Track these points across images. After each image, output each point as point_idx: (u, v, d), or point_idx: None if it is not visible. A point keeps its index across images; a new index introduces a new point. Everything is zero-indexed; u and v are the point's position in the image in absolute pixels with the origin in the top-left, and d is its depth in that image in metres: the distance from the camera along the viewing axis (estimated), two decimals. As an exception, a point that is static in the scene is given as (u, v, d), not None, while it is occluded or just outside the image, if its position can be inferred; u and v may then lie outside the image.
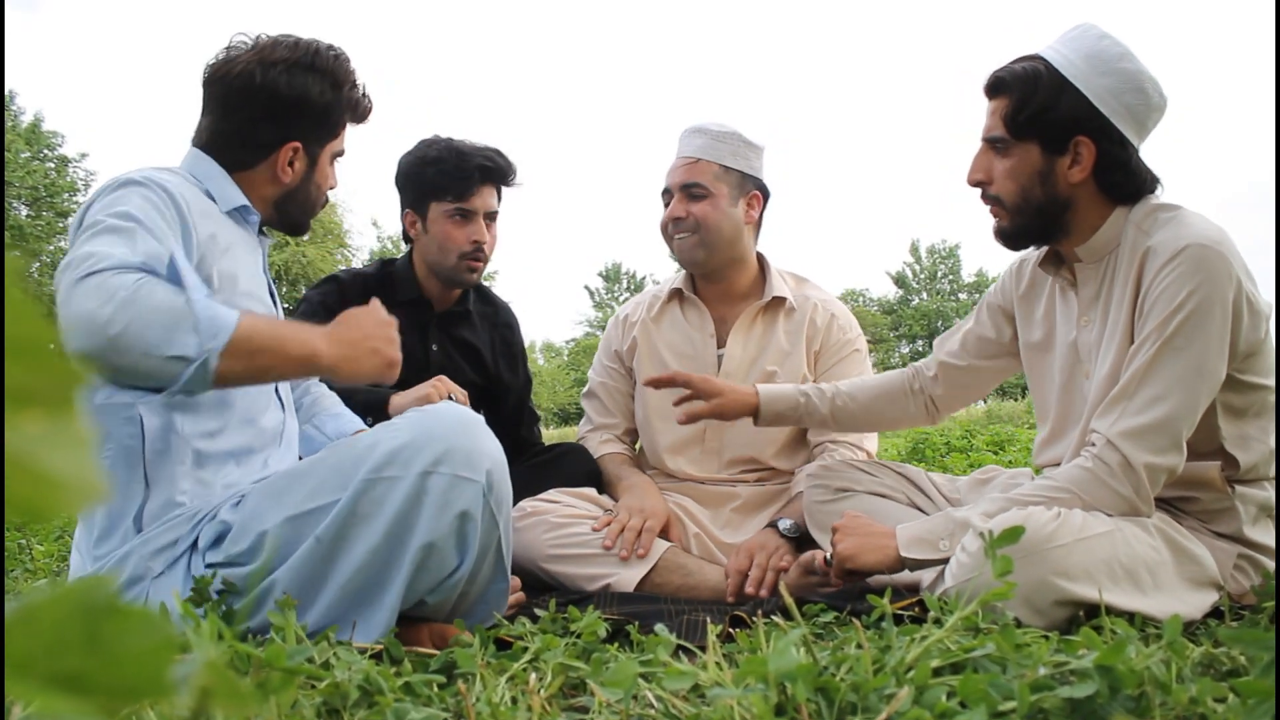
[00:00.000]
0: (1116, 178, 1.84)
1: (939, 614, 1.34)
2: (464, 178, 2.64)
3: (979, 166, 1.92)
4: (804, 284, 2.81)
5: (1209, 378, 1.69)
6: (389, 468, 1.53)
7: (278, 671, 0.81)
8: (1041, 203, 1.86)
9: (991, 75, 1.90)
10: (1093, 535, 1.62)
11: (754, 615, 1.67)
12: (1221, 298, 1.68)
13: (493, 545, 1.65)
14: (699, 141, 2.63)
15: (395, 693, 1.14)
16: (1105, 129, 1.80)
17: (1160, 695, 0.98)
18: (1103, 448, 1.72)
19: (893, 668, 1.02)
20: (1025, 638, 1.24)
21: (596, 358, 2.99)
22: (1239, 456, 1.79)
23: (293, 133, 1.89)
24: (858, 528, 1.90)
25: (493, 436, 1.63)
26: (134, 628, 0.27)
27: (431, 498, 1.53)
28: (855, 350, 2.72)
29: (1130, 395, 1.72)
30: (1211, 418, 1.77)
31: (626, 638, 1.66)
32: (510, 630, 1.60)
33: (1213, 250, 1.69)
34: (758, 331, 2.71)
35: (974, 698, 0.94)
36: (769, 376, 2.65)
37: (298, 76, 1.86)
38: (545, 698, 1.19)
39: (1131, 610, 1.57)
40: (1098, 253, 1.88)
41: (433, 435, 1.55)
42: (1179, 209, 1.82)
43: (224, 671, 0.31)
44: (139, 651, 0.27)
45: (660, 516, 2.45)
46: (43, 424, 0.22)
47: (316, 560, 1.55)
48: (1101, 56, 1.79)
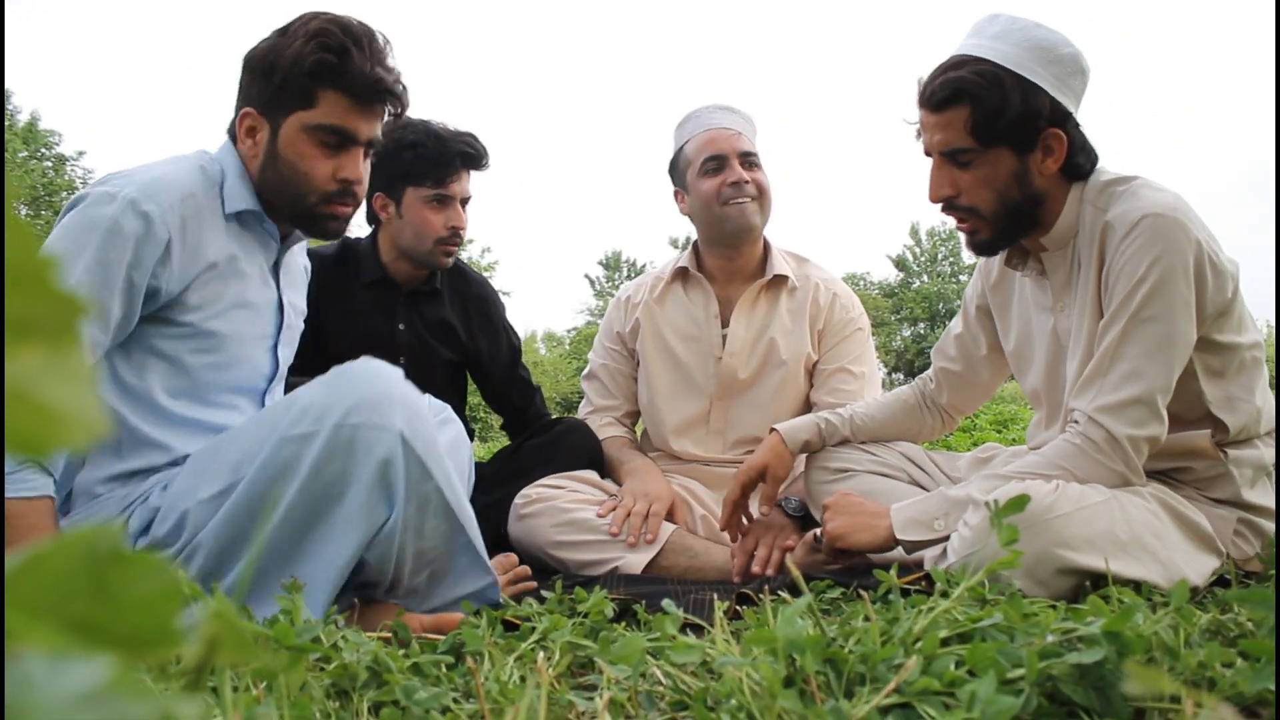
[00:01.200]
0: (1079, 158, 1.85)
1: (946, 586, 1.34)
2: (445, 163, 2.61)
3: (942, 181, 1.87)
4: (805, 264, 2.83)
5: (1180, 344, 1.70)
6: (301, 424, 1.52)
7: (285, 650, 0.81)
8: (1019, 202, 1.85)
9: (937, 87, 1.83)
10: (1091, 504, 1.63)
11: (760, 593, 1.68)
12: (1183, 264, 1.69)
13: (432, 502, 1.60)
14: (734, 118, 2.69)
15: (404, 673, 1.14)
16: (1066, 115, 1.82)
17: (1169, 660, 0.98)
18: (1086, 424, 1.73)
19: (900, 638, 1.02)
20: (1033, 607, 1.24)
21: (597, 339, 3.00)
22: (1227, 419, 1.79)
23: (250, 97, 1.75)
24: (848, 506, 1.89)
25: (411, 387, 1.59)
26: (141, 575, 0.27)
27: (346, 448, 1.51)
28: (858, 329, 2.73)
29: (1105, 372, 1.73)
30: (1193, 383, 1.78)
31: (634, 617, 1.66)
32: (518, 611, 1.61)
33: (1168, 218, 1.70)
34: (761, 310, 2.72)
35: (983, 666, 0.94)
36: (770, 354, 2.67)
37: (282, 39, 1.72)
38: (554, 676, 1.19)
39: (1136, 578, 1.57)
40: (1062, 238, 1.89)
41: (343, 388, 1.53)
42: (1133, 180, 1.83)
43: (230, 621, 0.31)
44: (146, 598, 0.27)
45: (665, 499, 2.46)
46: (43, 356, 0.21)
47: (236, 524, 1.54)
48: (1043, 45, 1.79)
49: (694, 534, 2.45)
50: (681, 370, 2.75)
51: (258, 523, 1.54)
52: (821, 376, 2.69)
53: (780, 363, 2.66)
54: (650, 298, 2.83)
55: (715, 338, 2.72)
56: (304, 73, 1.69)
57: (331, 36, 1.69)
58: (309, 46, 1.68)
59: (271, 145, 1.74)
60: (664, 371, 2.78)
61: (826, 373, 2.68)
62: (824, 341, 2.71)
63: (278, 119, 1.73)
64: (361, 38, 1.72)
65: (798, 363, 2.67)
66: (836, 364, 2.68)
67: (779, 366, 2.66)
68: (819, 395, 2.67)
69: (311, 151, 1.73)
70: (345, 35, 1.70)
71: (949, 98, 1.81)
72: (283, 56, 1.69)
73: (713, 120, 2.68)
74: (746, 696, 0.91)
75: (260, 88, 1.73)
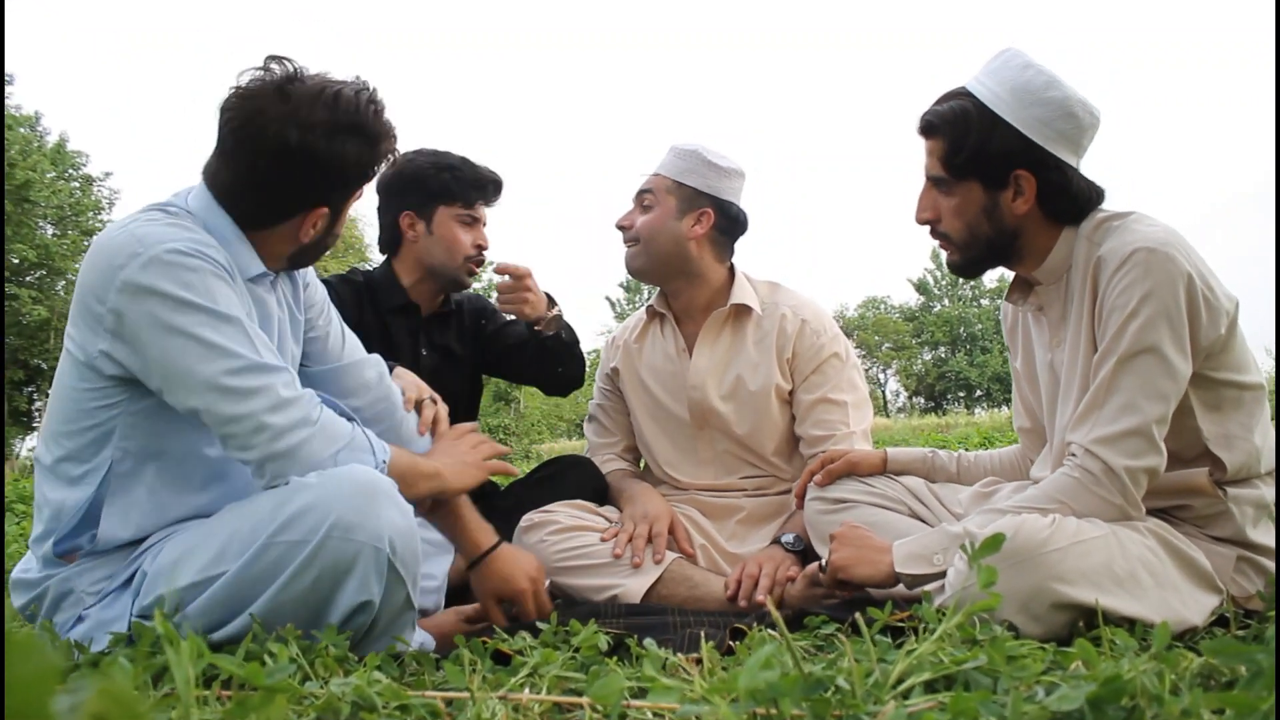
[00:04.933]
0: (1060, 203, 1.86)
1: (933, 625, 1.33)
2: (478, 187, 2.77)
3: (925, 205, 1.95)
4: (777, 290, 2.80)
5: (1174, 376, 1.70)
6: (288, 531, 1.54)
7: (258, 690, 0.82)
8: (990, 236, 1.90)
9: (922, 116, 1.92)
10: (1088, 539, 1.61)
11: (753, 627, 1.67)
12: (1174, 297, 1.69)
13: (401, 601, 1.64)
14: (665, 158, 2.72)
15: (388, 710, 1.14)
16: (1042, 158, 1.82)
17: (1153, 707, 0.97)
18: (1083, 457, 1.73)
19: (876, 681, 1.01)
20: (1021, 649, 1.23)
21: (595, 381, 3.05)
22: (1224, 458, 1.78)
23: (324, 198, 1.80)
24: (855, 539, 1.89)
25: (398, 496, 1.63)
26: (19, 657, 0.27)
27: (330, 560, 1.53)
28: (834, 354, 2.68)
29: (1100, 405, 1.73)
30: (1190, 419, 1.77)
31: (628, 651, 1.65)
32: (511, 644, 1.60)
33: (1159, 253, 1.70)
34: (724, 342, 2.72)
35: (966, 715, 0.93)
36: (738, 385, 2.66)
37: (337, 141, 1.72)
38: (539, 713, 1.18)
39: (1131, 616, 1.56)
40: (1055, 273, 1.91)
41: (333, 498, 1.54)
42: (1127, 215, 1.84)
43: (120, 696, 0.31)
44: (23, 680, 0.27)
45: (665, 519, 2.48)
46: None
47: (213, 615, 1.57)
48: (1028, 88, 1.81)
49: (695, 562, 2.45)
50: (659, 405, 2.78)
51: (229, 622, 1.56)
52: (803, 408, 2.65)
53: (750, 394, 2.65)
54: (630, 339, 2.88)
55: (684, 371, 2.73)
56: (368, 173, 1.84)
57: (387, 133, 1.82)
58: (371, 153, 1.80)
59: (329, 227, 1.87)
60: (643, 408, 2.83)
61: (807, 403, 2.65)
62: (796, 370, 2.68)
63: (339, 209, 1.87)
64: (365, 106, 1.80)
65: (767, 393, 2.64)
66: (817, 394, 2.64)
67: (749, 398, 2.65)
68: (804, 429, 2.65)
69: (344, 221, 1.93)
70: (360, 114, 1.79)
71: (926, 128, 1.91)
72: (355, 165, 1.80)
73: None
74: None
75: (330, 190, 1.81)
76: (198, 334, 1.59)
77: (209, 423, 1.63)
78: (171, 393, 1.62)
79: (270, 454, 1.61)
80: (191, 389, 1.59)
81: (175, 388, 1.61)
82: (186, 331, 1.58)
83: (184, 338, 1.58)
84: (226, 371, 1.59)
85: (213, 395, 1.59)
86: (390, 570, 1.57)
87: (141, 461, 1.72)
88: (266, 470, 1.63)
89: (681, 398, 2.73)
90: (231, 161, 1.74)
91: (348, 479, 1.57)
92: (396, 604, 1.63)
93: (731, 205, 2.69)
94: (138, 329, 1.60)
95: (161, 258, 1.59)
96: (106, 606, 1.67)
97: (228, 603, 1.56)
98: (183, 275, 1.60)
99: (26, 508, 5.85)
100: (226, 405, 1.59)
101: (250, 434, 1.60)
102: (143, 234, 1.63)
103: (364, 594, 1.55)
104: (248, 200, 1.76)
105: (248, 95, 1.71)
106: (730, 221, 2.70)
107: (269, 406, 1.60)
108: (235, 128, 1.71)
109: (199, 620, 1.56)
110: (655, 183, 2.69)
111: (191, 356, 1.58)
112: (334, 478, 1.57)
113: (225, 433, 1.62)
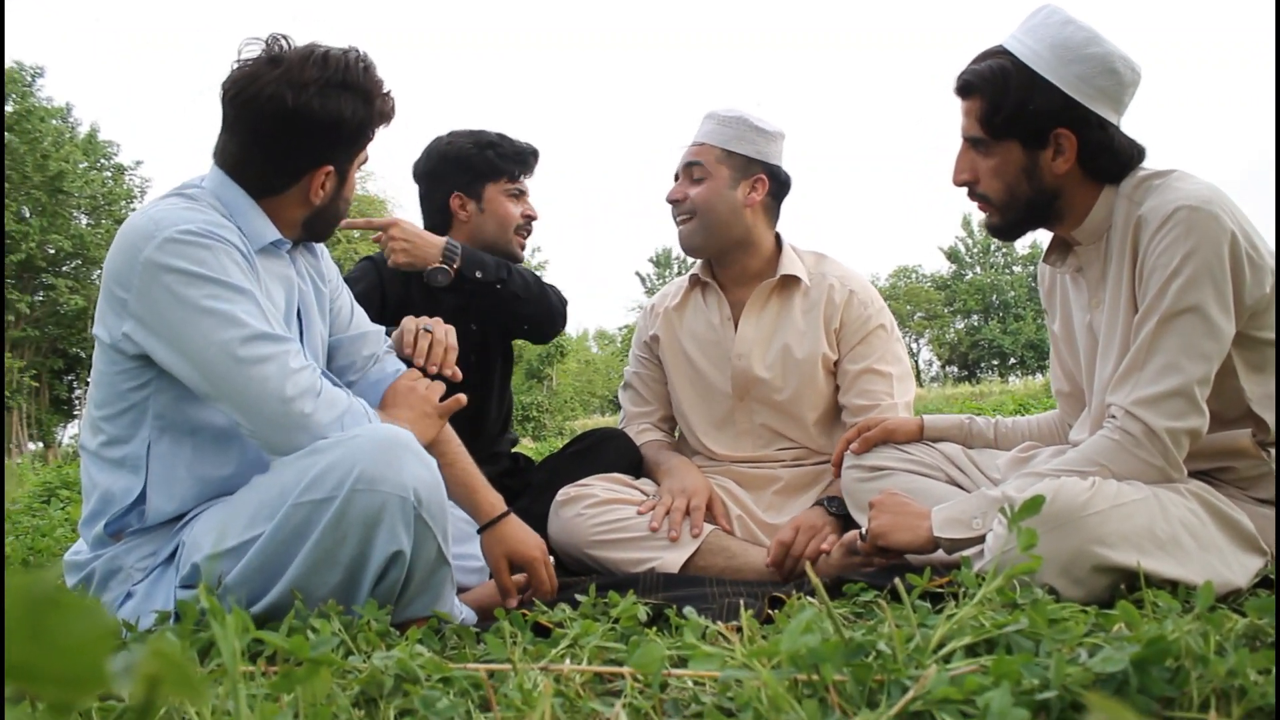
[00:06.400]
0: (1101, 161, 1.83)
1: (973, 590, 1.33)
2: (521, 161, 2.83)
3: (963, 166, 1.92)
4: (824, 261, 2.78)
5: (1217, 337, 1.67)
6: (314, 490, 1.56)
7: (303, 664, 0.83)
8: (1030, 197, 1.87)
9: (959, 76, 1.89)
10: (1129, 502, 1.60)
11: (792, 595, 1.67)
12: (1218, 255, 1.66)
13: (433, 554, 1.66)
14: (707, 126, 2.68)
15: (431, 683, 1.15)
16: (1083, 116, 1.79)
17: (1198, 668, 0.96)
18: (1123, 419, 1.70)
19: (917, 646, 1.01)
20: (1063, 612, 1.23)
21: (631, 349, 3.03)
22: (1268, 418, 1.76)
23: (327, 156, 1.85)
24: (894, 505, 1.89)
25: (420, 455, 1.65)
26: (75, 620, 0.28)
27: (359, 514, 1.55)
28: (879, 326, 2.67)
29: (1141, 366, 1.70)
30: (1233, 380, 1.75)
31: (667, 621, 1.66)
32: (550, 616, 1.61)
33: (1203, 211, 1.67)
34: (772, 311, 2.70)
35: (1008, 678, 0.92)
36: (785, 354, 2.65)
37: (331, 98, 1.78)
38: (580, 683, 1.19)
39: (1174, 578, 1.54)
40: (1094, 233, 1.88)
41: (356, 454, 1.57)
42: (1169, 174, 1.80)
43: (173, 659, 0.31)
44: (79, 642, 0.28)
45: (703, 493, 2.47)
46: None
47: (252, 582, 1.60)
48: (1068, 44, 1.78)
49: (731, 534, 2.45)
50: (699, 374, 2.77)
51: (267, 586, 1.59)
52: (847, 378, 2.64)
53: (796, 362, 2.64)
54: (671, 305, 2.85)
55: (728, 341, 2.71)
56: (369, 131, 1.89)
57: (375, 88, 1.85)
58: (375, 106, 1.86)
59: (338, 189, 1.91)
60: (683, 377, 2.81)
61: (852, 374, 2.63)
62: (843, 341, 2.67)
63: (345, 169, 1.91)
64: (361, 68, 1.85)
65: (813, 362, 2.63)
66: (862, 364, 2.63)
67: (795, 366, 2.64)
68: (848, 398, 2.64)
69: (352, 183, 1.96)
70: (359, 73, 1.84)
71: (963, 88, 1.89)
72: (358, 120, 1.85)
73: (695, 134, 2.72)
74: (764, 706, 0.91)
75: (335, 148, 1.85)
76: (209, 305, 1.63)
77: (217, 395, 1.65)
78: (183, 367, 1.65)
79: (281, 423, 1.64)
80: (203, 359, 1.63)
81: (187, 360, 1.64)
82: (198, 304, 1.63)
83: (196, 310, 1.63)
84: (238, 340, 1.62)
85: (224, 364, 1.62)
86: (418, 521, 1.60)
87: (178, 438, 1.75)
88: (275, 439, 1.66)
89: (723, 367, 2.72)
90: (235, 133, 1.82)
91: (368, 435, 1.60)
92: (429, 557, 1.65)
93: (780, 169, 2.69)
94: (153, 306, 1.65)
95: (176, 237, 1.65)
96: (153, 583, 1.71)
97: (265, 568, 1.59)
98: (196, 253, 1.65)
99: (70, 493, 5.95)
100: (237, 374, 1.62)
101: (259, 402, 1.63)
102: (160, 217, 1.69)
103: (394, 544, 1.58)
104: (254, 166, 1.82)
105: (243, 67, 1.79)
106: (780, 186, 2.70)
107: (280, 374, 1.64)
108: (233, 97, 1.78)
109: (240, 590, 1.59)
110: (703, 153, 2.66)
111: (204, 326, 1.62)
112: (355, 436, 1.60)
113: (235, 403, 1.65)
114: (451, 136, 2.83)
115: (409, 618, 1.69)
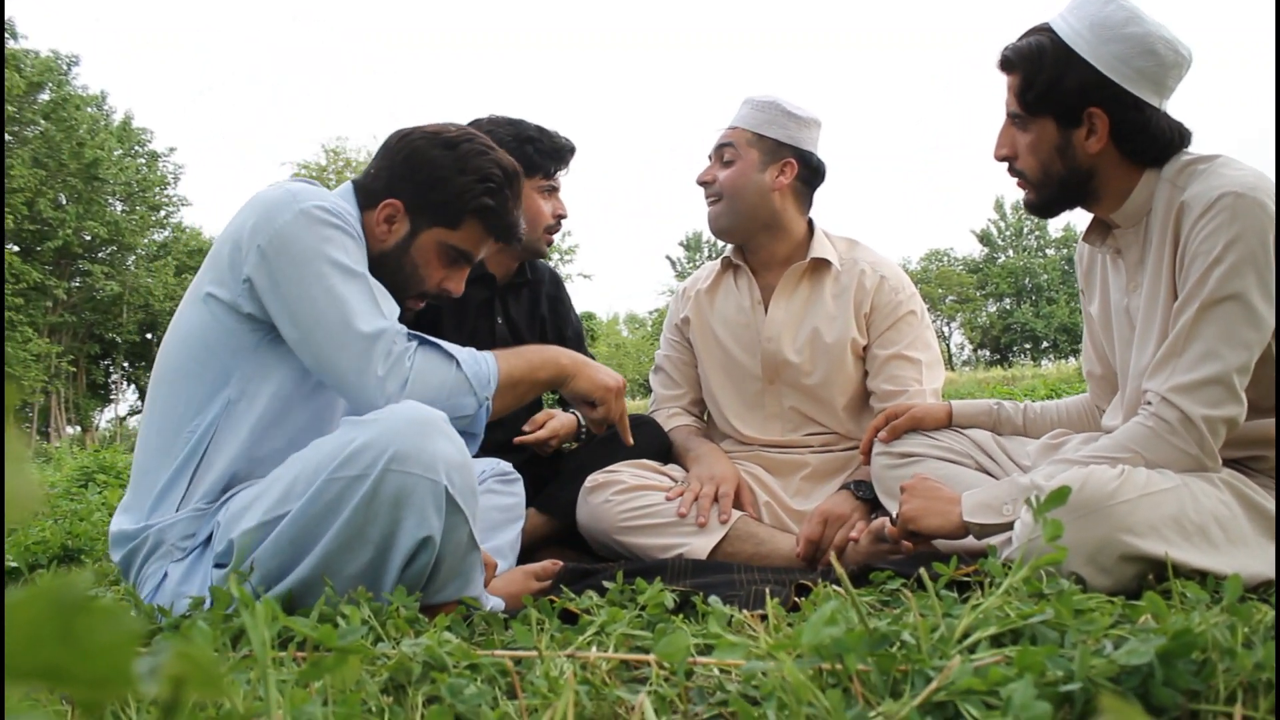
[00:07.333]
0: (1138, 143, 1.81)
1: (999, 579, 1.32)
2: (558, 157, 2.76)
3: (1004, 142, 1.93)
4: (855, 247, 2.79)
5: (1258, 326, 1.65)
6: (348, 467, 1.58)
7: (332, 651, 0.84)
8: (1063, 175, 1.85)
9: (1001, 51, 1.90)
10: (1158, 491, 1.58)
11: (818, 583, 1.67)
12: (1262, 243, 1.63)
13: (464, 539, 1.68)
14: (742, 111, 2.70)
15: (459, 670, 1.16)
16: (1118, 96, 1.77)
17: (1225, 661, 0.96)
18: (1159, 405, 1.69)
19: (942, 636, 1.01)
20: (1089, 602, 1.22)
21: (663, 333, 3.03)
22: None
23: (398, 191, 1.92)
24: (925, 490, 1.89)
25: (450, 436, 1.65)
26: (101, 623, 0.29)
27: (390, 494, 1.57)
28: (910, 312, 2.67)
29: (1179, 353, 1.68)
30: (1270, 369, 1.72)
31: (694, 608, 1.67)
32: (577, 603, 1.63)
33: (1247, 198, 1.64)
34: (802, 295, 2.70)
35: (1032, 669, 0.92)
36: (814, 338, 2.65)
37: (434, 149, 1.91)
38: (606, 670, 1.20)
39: (1203, 569, 1.53)
40: (1135, 216, 1.85)
41: (390, 434, 1.58)
42: (1214, 159, 1.77)
43: (198, 659, 0.32)
44: (106, 645, 0.29)
45: (731, 480, 2.48)
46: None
47: (283, 554, 1.62)
48: (1106, 24, 1.76)
49: (759, 521, 2.45)
50: (729, 357, 2.77)
51: (297, 560, 1.61)
52: (876, 363, 2.64)
53: (825, 346, 2.64)
54: (703, 288, 2.86)
55: (759, 324, 2.72)
56: (463, 207, 1.91)
57: (495, 180, 1.92)
58: (477, 186, 1.91)
59: (405, 242, 1.94)
60: (714, 359, 2.81)
61: (881, 359, 2.63)
62: (873, 326, 2.67)
63: (420, 226, 1.93)
64: (514, 180, 1.97)
65: (843, 346, 2.63)
66: (891, 350, 2.63)
67: (825, 350, 2.64)
68: (876, 383, 2.64)
69: (435, 262, 1.95)
70: (505, 179, 1.94)
71: (1004, 63, 1.89)
72: (449, 184, 1.91)
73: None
74: (788, 696, 0.92)
75: (414, 193, 1.92)
76: (328, 285, 1.74)
77: (324, 368, 1.75)
78: (293, 331, 1.75)
79: (380, 400, 1.72)
80: (315, 334, 1.73)
81: (300, 329, 1.74)
82: (319, 281, 1.74)
83: (316, 286, 1.74)
84: (346, 320, 1.72)
85: (334, 342, 1.72)
86: (449, 503, 1.61)
87: (251, 404, 1.81)
88: (361, 407, 1.73)
89: (754, 350, 2.72)
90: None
91: (402, 414, 1.62)
92: (460, 541, 1.67)
93: (812, 155, 2.69)
94: (278, 271, 1.75)
95: (310, 211, 1.77)
96: (191, 565, 1.73)
97: (294, 542, 1.61)
98: (323, 230, 1.78)
99: (107, 478, 6.03)
100: (344, 353, 1.72)
101: (359, 377, 1.72)
102: (297, 191, 1.82)
103: (424, 529, 1.59)
104: (365, 178, 1.98)
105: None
106: (812, 172, 2.70)
107: (383, 355, 1.73)
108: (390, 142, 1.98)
109: (271, 564, 1.61)
110: (735, 136, 2.68)
111: (320, 304, 1.73)
112: (390, 414, 1.63)
113: (340, 381, 1.74)
114: (491, 124, 2.75)
115: (440, 601, 1.71)
